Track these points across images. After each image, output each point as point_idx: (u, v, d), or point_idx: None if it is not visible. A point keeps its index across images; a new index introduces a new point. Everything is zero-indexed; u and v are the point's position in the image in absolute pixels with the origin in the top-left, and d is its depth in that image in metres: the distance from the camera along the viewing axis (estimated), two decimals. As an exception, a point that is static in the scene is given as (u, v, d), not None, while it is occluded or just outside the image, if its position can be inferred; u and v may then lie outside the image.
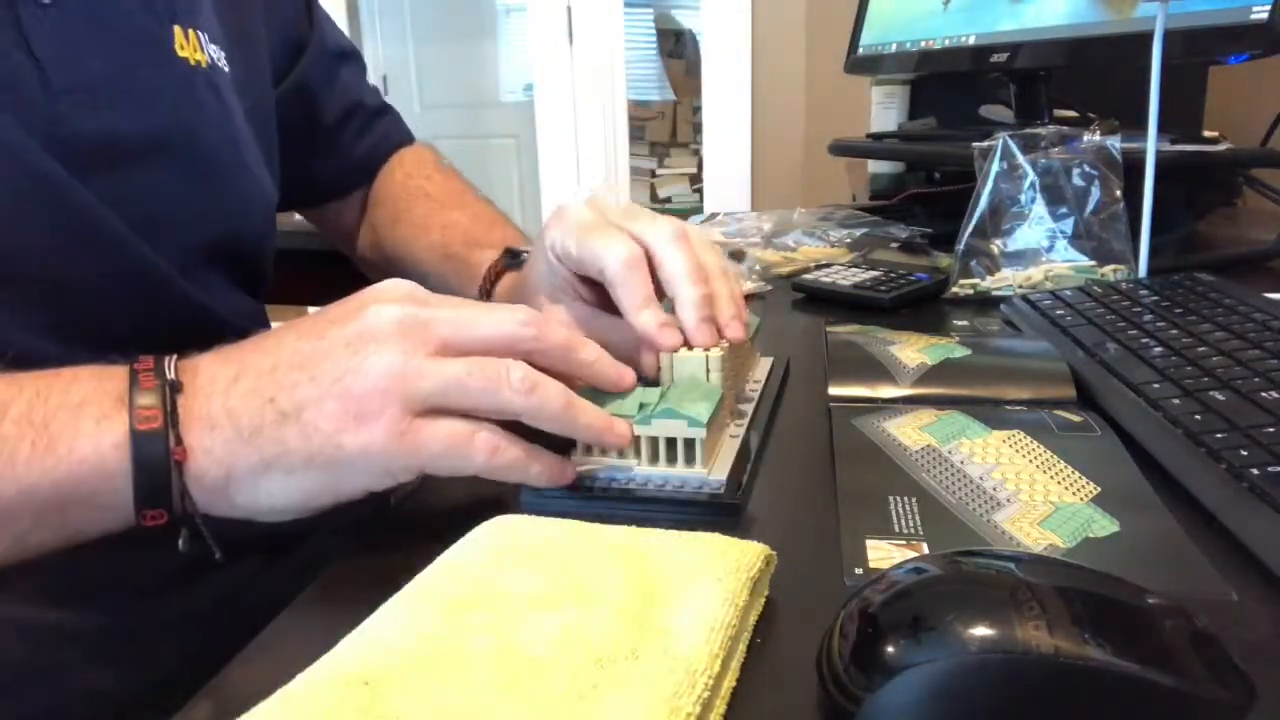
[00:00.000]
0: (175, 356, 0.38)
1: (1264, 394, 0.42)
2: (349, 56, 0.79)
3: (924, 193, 1.16)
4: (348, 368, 0.36)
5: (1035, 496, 0.39)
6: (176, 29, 0.54)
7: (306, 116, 0.74)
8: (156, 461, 0.35)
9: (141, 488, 0.35)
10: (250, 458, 0.36)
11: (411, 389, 0.36)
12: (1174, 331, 0.53)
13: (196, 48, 0.55)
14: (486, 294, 0.63)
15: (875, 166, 1.28)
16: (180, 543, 0.37)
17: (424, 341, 0.36)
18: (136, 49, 0.52)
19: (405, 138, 0.83)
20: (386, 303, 0.38)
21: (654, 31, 4.32)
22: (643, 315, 0.45)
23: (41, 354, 0.39)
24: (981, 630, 0.24)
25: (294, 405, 0.35)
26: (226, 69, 0.58)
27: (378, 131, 0.80)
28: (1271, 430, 0.39)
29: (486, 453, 0.37)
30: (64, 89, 0.48)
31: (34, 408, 0.35)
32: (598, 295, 0.50)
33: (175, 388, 0.36)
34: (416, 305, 0.38)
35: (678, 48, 4.41)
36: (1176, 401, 0.44)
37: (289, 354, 0.37)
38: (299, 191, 0.75)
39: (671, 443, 0.42)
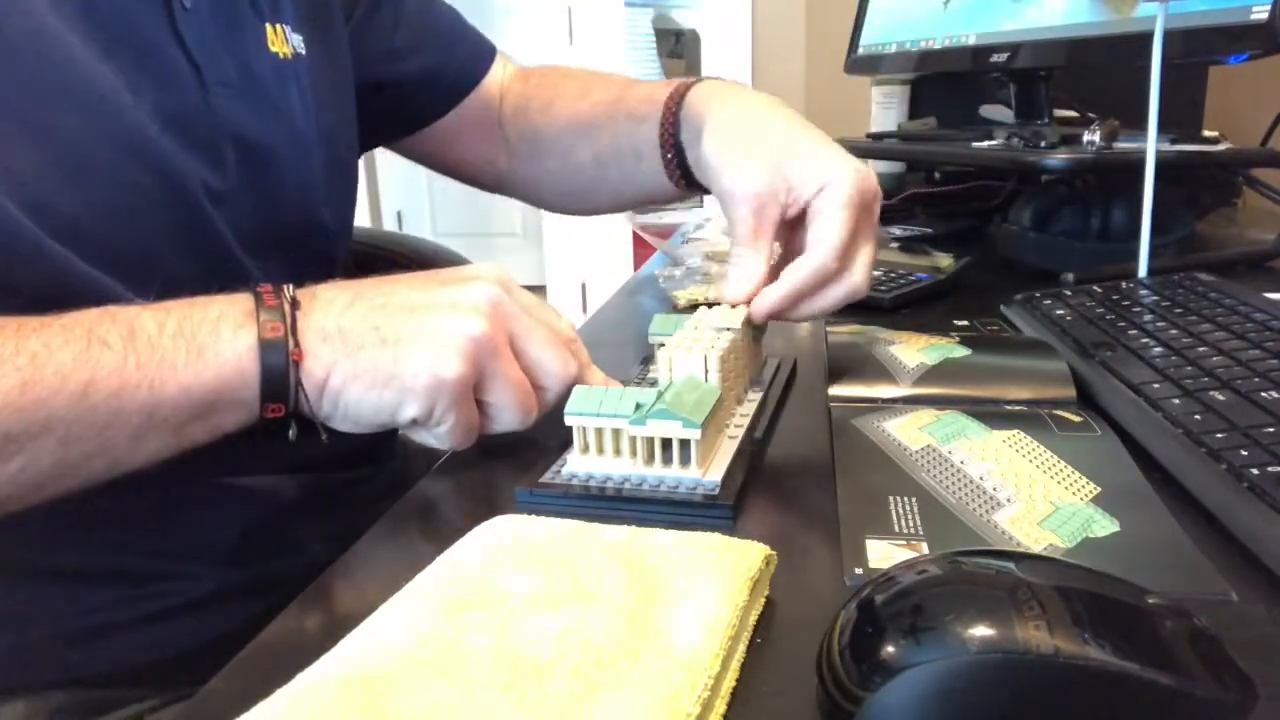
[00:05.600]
0: (292, 285, 0.45)
1: (1264, 394, 0.42)
2: None
3: (924, 193, 1.16)
4: (445, 324, 0.43)
5: (1035, 496, 0.39)
6: (268, 26, 0.57)
7: (372, 62, 0.72)
8: (278, 363, 0.42)
9: (266, 384, 0.42)
10: (347, 368, 0.43)
11: (482, 360, 0.43)
12: (1174, 331, 0.53)
13: (283, 41, 0.58)
14: (675, 108, 0.65)
15: (875, 166, 1.28)
16: (290, 433, 0.44)
17: (504, 329, 0.45)
18: (250, 47, 0.55)
19: (489, 53, 0.80)
20: (488, 282, 0.45)
21: (653, 31, 4.32)
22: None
23: None
24: (981, 630, 0.24)
25: (395, 337, 0.43)
26: (304, 53, 0.60)
27: (454, 60, 0.77)
28: (1271, 430, 0.39)
29: (480, 432, 0.46)
30: (214, 82, 0.52)
31: (182, 325, 0.42)
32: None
33: (295, 304, 0.44)
34: (508, 292, 0.46)
35: (678, 48, 4.40)
36: (1176, 401, 0.44)
37: (401, 299, 0.44)
38: (406, 118, 0.76)
39: (667, 443, 0.41)
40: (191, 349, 0.41)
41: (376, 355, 0.42)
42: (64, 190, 0.45)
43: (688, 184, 0.66)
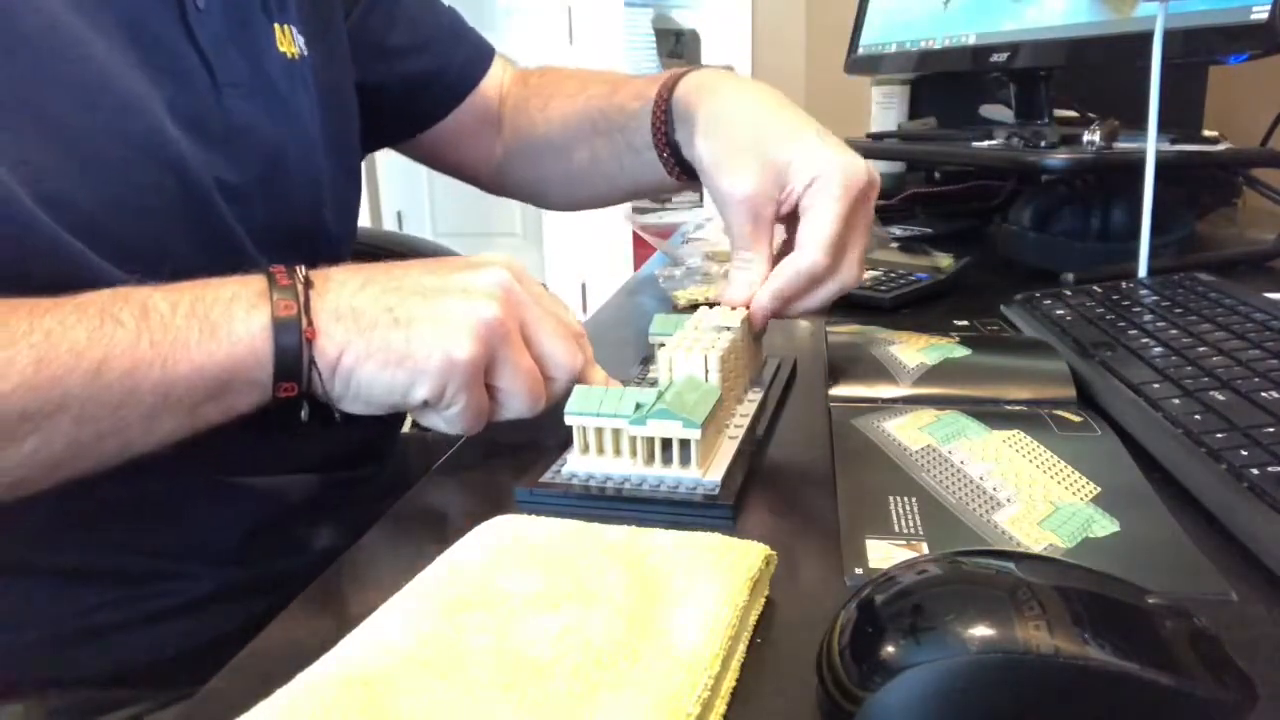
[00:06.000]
0: (304, 267, 0.45)
1: (1264, 394, 0.42)
2: None
3: (924, 193, 1.16)
4: (459, 307, 0.43)
5: (1035, 496, 0.39)
6: (276, 26, 0.57)
7: (371, 65, 0.71)
8: (291, 342, 0.42)
9: (280, 363, 0.42)
10: (359, 347, 0.43)
11: (494, 344, 0.43)
12: (1174, 331, 0.53)
13: (290, 41, 0.58)
14: (665, 106, 0.64)
15: (875, 166, 1.28)
16: (303, 413, 0.44)
17: (516, 316, 0.45)
18: (261, 47, 0.56)
19: (489, 54, 0.81)
20: (501, 268, 0.45)
21: (653, 31, 4.32)
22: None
23: None
24: (981, 630, 0.24)
25: (407, 318, 0.43)
26: (307, 54, 0.60)
27: (456, 60, 0.77)
28: (1271, 430, 0.39)
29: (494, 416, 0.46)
30: (226, 83, 0.53)
31: (195, 305, 0.42)
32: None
33: (308, 284, 0.43)
34: (520, 280, 0.46)
35: (678, 48, 4.40)
36: (1176, 401, 0.44)
37: (414, 282, 0.44)
38: (405, 120, 0.76)
39: (667, 443, 0.41)
40: (205, 328, 0.41)
41: (389, 335, 0.42)
42: (80, 185, 0.45)
43: (689, 176, 0.65)
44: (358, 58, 0.68)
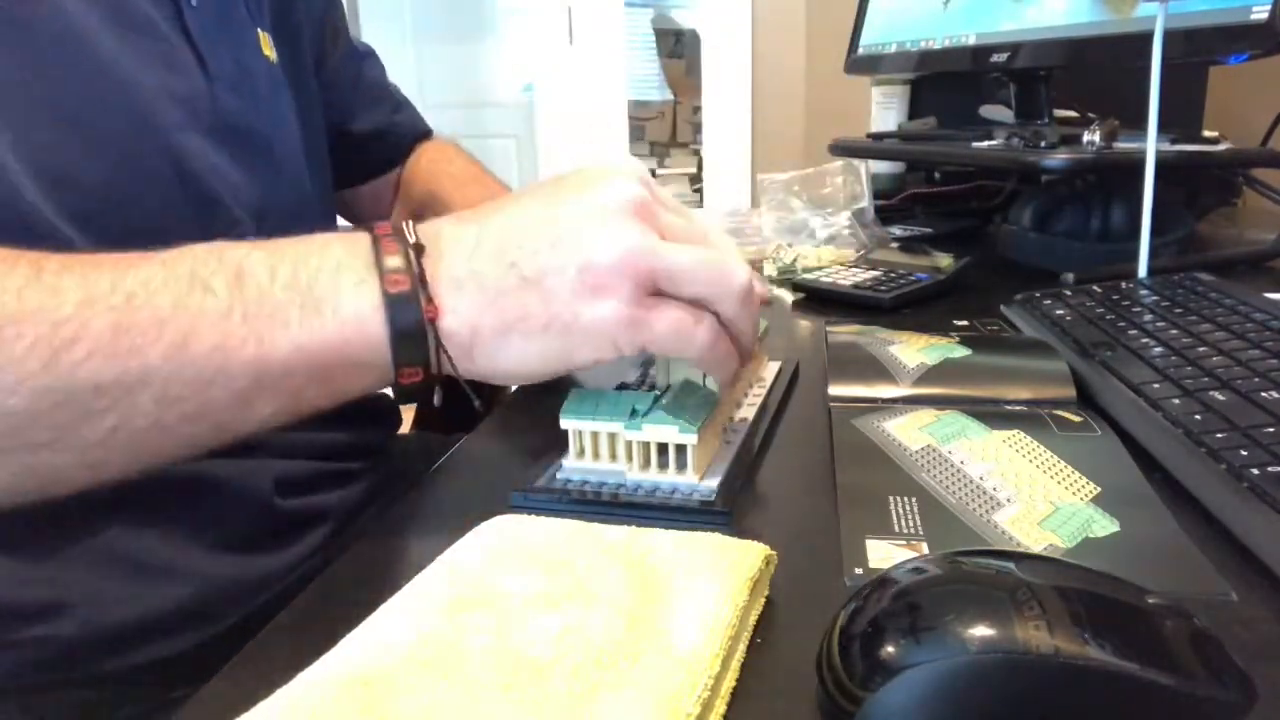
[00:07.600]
0: (413, 222, 0.39)
1: (1264, 394, 0.42)
2: (369, 53, 0.84)
3: (924, 193, 1.16)
4: (590, 238, 0.37)
5: (1035, 496, 0.39)
6: (259, 30, 0.59)
7: (335, 108, 0.77)
8: (411, 322, 0.37)
9: (399, 347, 0.37)
10: (493, 320, 0.37)
11: (646, 267, 0.37)
12: (1174, 331, 0.53)
13: (269, 46, 0.60)
14: None
15: (875, 166, 1.28)
16: (435, 399, 0.40)
17: (657, 226, 0.38)
18: (246, 47, 0.57)
19: (426, 130, 0.88)
20: (626, 179, 0.39)
21: (653, 32, 4.32)
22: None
23: None
24: (981, 630, 0.24)
25: (536, 271, 0.37)
26: (277, 62, 0.62)
27: (401, 123, 0.85)
28: (1271, 430, 0.39)
29: (708, 341, 0.39)
30: (216, 75, 0.53)
31: (297, 273, 0.37)
32: None
33: (419, 251, 0.38)
34: (650, 189, 0.39)
35: (678, 48, 4.41)
36: (1176, 401, 0.44)
37: (530, 220, 0.38)
38: (353, 170, 0.81)
39: (663, 448, 0.41)
40: (307, 303, 0.37)
41: (522, 298, 0.37)
42: (82, 165, 0.46)
43: None
44: (327, 105, 0.72)
